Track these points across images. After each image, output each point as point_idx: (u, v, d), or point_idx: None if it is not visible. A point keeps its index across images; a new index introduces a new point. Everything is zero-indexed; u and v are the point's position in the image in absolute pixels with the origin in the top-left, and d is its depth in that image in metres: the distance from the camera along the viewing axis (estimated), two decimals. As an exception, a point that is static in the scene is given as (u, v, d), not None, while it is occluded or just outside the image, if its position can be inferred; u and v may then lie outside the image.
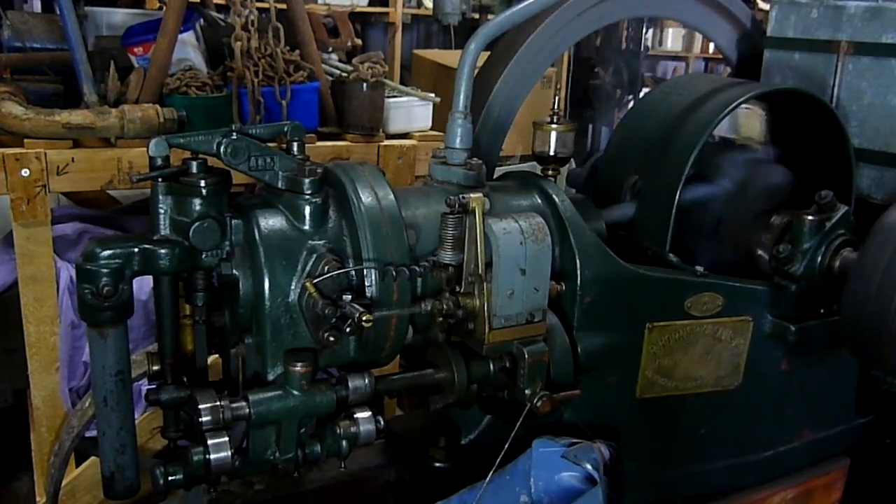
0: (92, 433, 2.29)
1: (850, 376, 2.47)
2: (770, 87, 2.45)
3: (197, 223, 1.57)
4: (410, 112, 3.09)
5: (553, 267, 1.77)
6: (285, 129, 1.72)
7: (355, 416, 1.66)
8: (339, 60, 3.29)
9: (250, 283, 1.63)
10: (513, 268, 1.68)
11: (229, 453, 1.55)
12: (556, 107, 2.41)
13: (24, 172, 2.35)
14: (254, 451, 1.63)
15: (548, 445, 1.76)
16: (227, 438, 1.55)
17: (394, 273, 1.64)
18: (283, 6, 2.91)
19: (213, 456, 1.54)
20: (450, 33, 6.72)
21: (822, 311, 2.22)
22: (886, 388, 2.57)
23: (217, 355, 1.82)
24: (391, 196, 1.73)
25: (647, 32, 7.43)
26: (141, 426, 2.47)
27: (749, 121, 2.61)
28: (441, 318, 1.72)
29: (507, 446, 1.72)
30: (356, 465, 2.11)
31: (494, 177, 2.31)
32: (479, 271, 1.68)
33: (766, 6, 4.38)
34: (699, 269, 2.09)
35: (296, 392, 1.59)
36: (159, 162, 1.59)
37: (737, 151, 2.46)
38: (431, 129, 3.16)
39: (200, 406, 1.54)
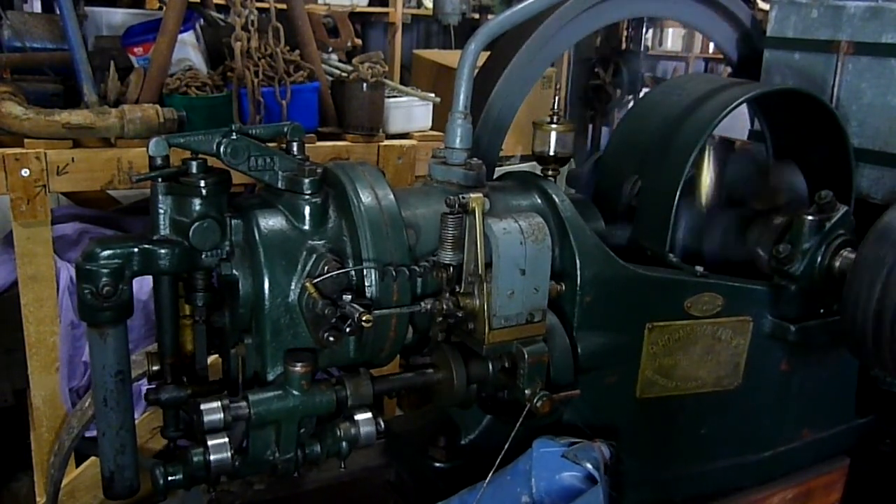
0: (92, 433, 2.29)
1: (850, 376, 2.47)
2: (770, 87, 2.45)
3: (197, 223, 1.57)
4: (410, 112, 3.09)
5: (553, 267, 1.77)
6: (285, 129, 1.72)
7: (355, 417, 1.66)
8: (339, 60, 3.29)
9: (250, 284, 1.63)
10: (513, 268, 1.67)
11: (229, 454, 1.56)
12: (556, 107, 2.41)
13: (24, 172, 2.35)
14: (253, 451, 1.63)
15: (548, 445, 1.76)
16: (226, 439, 1.56)
17: (393, 273, 1.64)
18: (283, 6, 2.91)
19: (212, 456, 1.54)
20: (450, 33, 6.73)
21: (822, 311, 2.21)
22: (886, 388, 2.57)
23: (217, 355, 1.82)
24: (391, 196, 1.73)
25: (647, 32, 7.43)
26: (141, 426, 2.47)
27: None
28: (441, 318, 1.73)
29: (507, 446, 1.72)
30: (356, 466, 2.11)
31: (494, 177, 2.31)
32: (479, 271, 1.68)
33: (766, 6, 4.38)
34: (699, 269, 2.09)
35: (296, 392, 1.59)
36: (159, 162, 1.59)
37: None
38: (431, 129, 3.16)
39: (202, 407, 1.53)
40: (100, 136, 2.46)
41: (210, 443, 1.54)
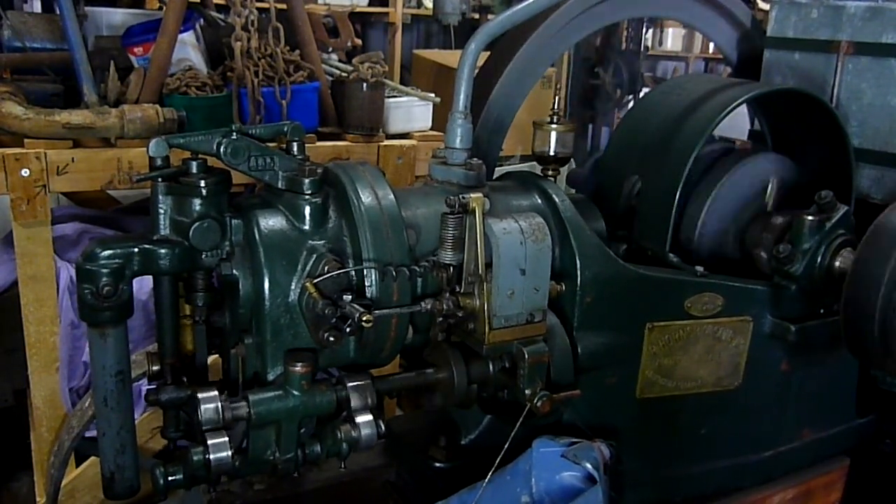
0: (92, 433, 2.29)
1: (850, 376, 2.47)
2: (770, 87, 2.45)
3: (197, 223, 1.57)
4: (410, 112, 3.09)
5: (553, 267, 1.77)
6: (285, 129, 1.72)
7: (356, 420, 1.66)
8: (339, 60, 3.29)
9: (250, 284, 1.63)
10: (513, 268, 1.67)
11: (229, 453, 1.55)
12: (556, 107, 2.41)
13: (24, 172, 2.35)
14: (254, 451, 1.63)
15: (548, 445, 1.76)
16: (226, 438, 1.55)
17: (394, 273, 1.64)
18: (283, 6, 2.91)
19: (213, 456, 1.54)
20: (450, 33, 6.73)
21: (821, 311, 2.22)
22: (886, 388, 2.57)
23: (217, 355, 1.82)
24: (391, 196, 1.73)
25: (647, 32, 7.44)
26: (141, 426, 2.47)
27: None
28: (441, 318, 1.72)
29: (507, 446, 1.72)
30: (356, 466, 2.11)
31: (494, 177, 2.31)
32: (480, 271, 1.68)
33: (766, 6, 4.38)
34: (699, 269, 2.09)
35: (296, 392, 1.59)
36: (159, 162, 1.59)
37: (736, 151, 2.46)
38: (431, 129, 3.16)
39: (201, 406, 1.53)
40: (100, 136, 2.46)
41: (210, 442, 1.54)
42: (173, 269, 1.59)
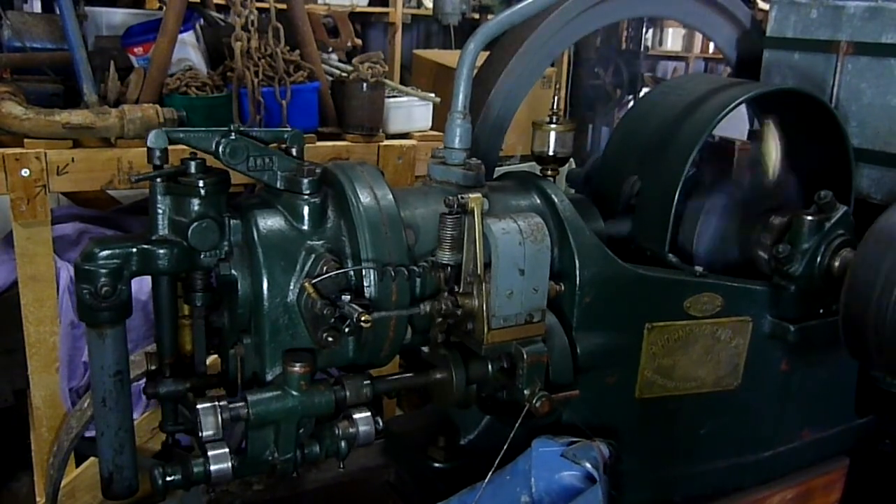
0: (91, 433, 2.29)
1: (850, 376, 2.47)
2: (770, 87, 2.45)
3: (195, 223, 1.57)
4: (410, 112, 3.09)
5: (552, 267, 1.77)
6: (285, 136, 1.72)
7: (353, 416, 1.66)
8: (339, 60, 3.29)
9: (249, 284, 1.63)
10: (512, 268, 1.67)
11: (229, 464, 1.55)
12: (555, 107, 2.41)
13: (24, 172, 2.35)
14: (252, 451, 1.63)
15: (547, 445, 1.76)
16: (227, 449, 1.55)
17: (392, 273, 1.64)
18: (283, 6, 2.91)
19: (213, 467, 1.54)
20: (450, 33, 6.72)
21: (821, 311, 2.21)
22: (886, 388, 2.57)
23: (216, 355, 1.82)
24: (390, 196, 1.73)
25: (647, 32, 7.42)
26: (140, 426, 2.47)
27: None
28: (440, 319, 1.72)
29: (506, 446, 1.72)
30: (355, 466, 2.11)
31: (494, 177, 2.31)
32: (478, 271, 1.68)
33: (766, 6, 4.38)
34: (698, 269, 2.09)
35: (294, 392, 1.59)
36: (158, 154, 1.58)
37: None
38: (431, 129, 3.16)
39: (201, 413, 1.53)
40: (100, 136, 2.46)
41: (211, 454, 1.54)
42: (172, 269, 1.59)
